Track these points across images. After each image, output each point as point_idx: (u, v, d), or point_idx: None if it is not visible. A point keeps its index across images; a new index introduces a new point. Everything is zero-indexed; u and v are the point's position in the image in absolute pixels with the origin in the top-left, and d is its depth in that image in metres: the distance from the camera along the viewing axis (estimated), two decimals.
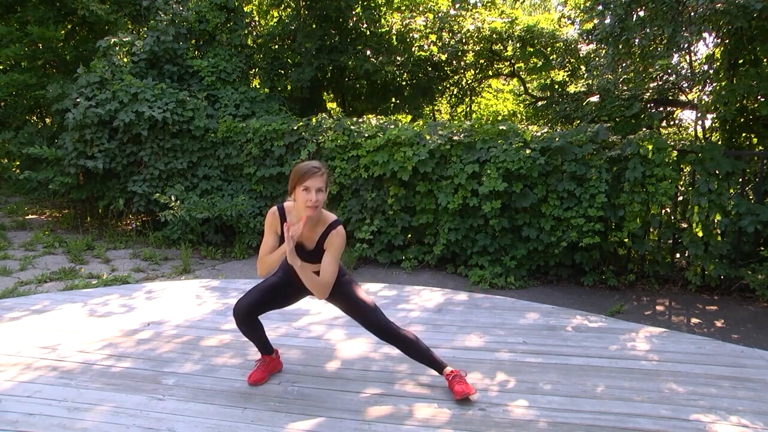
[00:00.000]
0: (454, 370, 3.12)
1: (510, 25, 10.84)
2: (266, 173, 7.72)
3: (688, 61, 8.31)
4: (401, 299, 4.90)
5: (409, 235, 7.19)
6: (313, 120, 7.67)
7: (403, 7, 10.95)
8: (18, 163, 9.90)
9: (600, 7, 7.34)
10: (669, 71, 8.68)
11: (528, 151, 6.27)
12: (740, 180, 6.12)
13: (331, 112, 8.17)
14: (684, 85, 8.60)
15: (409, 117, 10.59)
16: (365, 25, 10.19)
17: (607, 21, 7.28)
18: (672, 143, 6.55)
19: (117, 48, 8.27)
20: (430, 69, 10.91)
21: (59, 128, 8.99)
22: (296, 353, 3.68)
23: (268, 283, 3.15)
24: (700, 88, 7.92)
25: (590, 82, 10.08)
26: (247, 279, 6.22)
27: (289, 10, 10.49)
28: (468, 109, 13.19)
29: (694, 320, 5.43)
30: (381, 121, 7.50)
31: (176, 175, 8.08)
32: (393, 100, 11.02)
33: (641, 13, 7.15)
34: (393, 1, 10.72)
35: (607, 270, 6.39)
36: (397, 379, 3.31)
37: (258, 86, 9.78)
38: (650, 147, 6.01)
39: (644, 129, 6.72)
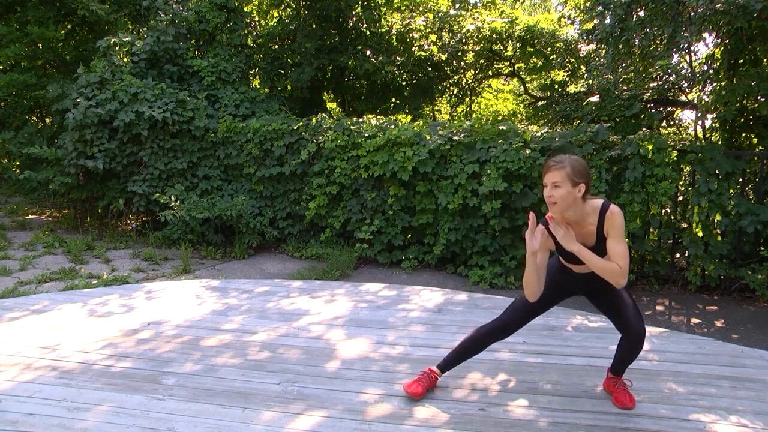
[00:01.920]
0: (623, 379, 3.07)
1: (510, 25, 10.84)
2: (266, 173, 7.72)
3: (688, 61, 8.30)
4: (401, 299, 4.90)
5: (409, 235, 7.19)
6: (313, 120, 7.67)
7: (403, 7, 10.95)
8: (18, 163, 9.89)
9: (600, 8, 7.34)
10: (669, 71, 8.68)
11: (528, 151, 6.27)
12: (740, 180, 6.12)
13: (331, 112, 8.17)
14: (684, 85, 8.60)
15: (409, 117, 10.59)
16: (365, 25, 10.19)
17: (607, 21, 7.28)
18: (672, 143, 6.54)
19: (117, 48, 8.27)
20: (430, 69, 10.91)
21: (59, 128, 8.99)
22: (296, 353, 3.68)
23: (534, 303, 2.92)
24: (700, 88, 7.92)
25: (590, 82, 10.07)
26: (247, 279, 6.23)
27: (289, 10, 10.49)
28: (468, 109, 13.19)
29: (694, 320, 5.43)
30: (381, 121, 7.50)
31: (176, 175, 8.08)
32: (393, 100, 11.02)
33: (641, 14, 7.15)
34: (393, 1, 10.72)
35: None
36: (397, 379, 3.30)
37: (258, 86, 9.79)
38: (650, 147, 6.01)
39: (644, 129, 6.71)
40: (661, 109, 9.13)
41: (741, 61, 7.31)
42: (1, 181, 11.14)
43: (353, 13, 9.86)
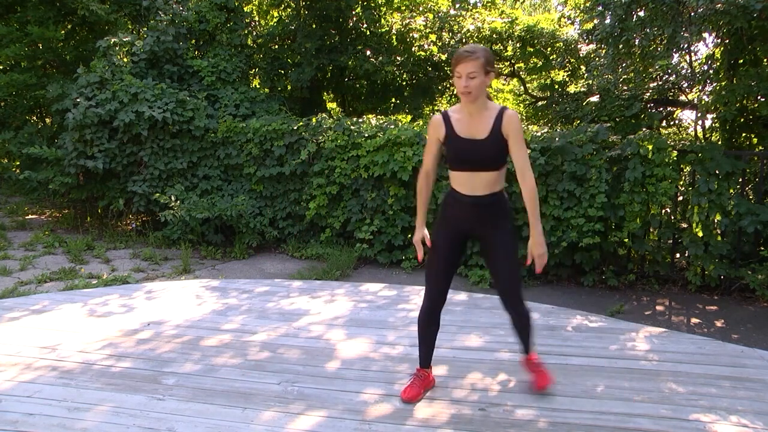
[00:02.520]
0: (534, 355, 3.17)
1: (510, 25, 10.84)
2: (266, 173, 7.72)
3: (688, 61, 8.30)
4: (401, 299, 4.90)
5: (409, 235, 7.18)
6: (313, 120, 7.67)
7: (403, 7, 10.94)
8: (18, 163, 9.89)
9: (600, 8, 7.34)
10: (669, 71, 8.69)
11: (528, 151, 6.27)
12: (740, 180, 6.12)
13: (331, 112, 8.17)
14: (684, 85, 8.61)
15: (409, 117, 10.59)
16: (365, 25, 10.19)
17: (607, 21, 7.29)
18: (672, 143, 6.54)
19: (117, 48, 8.26)
20: (430, 69, 10.90)
21: (59, 128, 8.98)
22: (296, 353, 3.68)
23: (438, 260, 3.00)
24: (700, 88, 7.92)
25: (590, 82, 10.08)
26: (247, 279, 6.23)
27: (289, 10, 10.49)
28: None
29: (694, 320, 5.43)
30: (381, 121, 7.50)
31: (176, 175, 8.08)
32: (393, 100, 11.01)
33: (641, 14, 7.15)
34: (393, 1, 10.71)
35: (607, 270, 6.39)
36: (397, 379, 3.30)
37: (258, 86, 9.78)
38: (650, 147, 6.01)
39: (644, 129, 6.72)
40: (661, 109, 9.14)
41: (741, 61, 7.31)
42: (1, 181, 11.14)
43: (353, 13, 9.86)
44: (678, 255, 6.66)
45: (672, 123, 9.88)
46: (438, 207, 3.07)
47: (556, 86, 11.22)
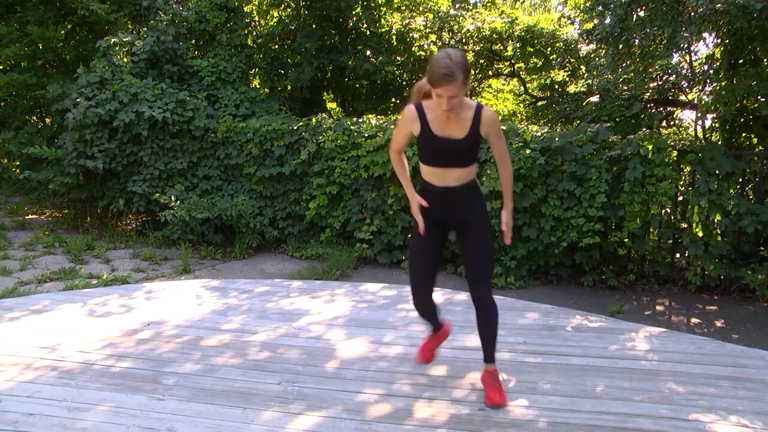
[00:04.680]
0: (496, 370, 3.06)
1: (510, 25, 10.84)
2: (266, 173, 7.72)
3: (688, 61, 8.31)
4: (401, 299, 4.90)
5: (409, 235, 7.18)
6: (313, 120, 7.68)
7: (403, 7, 10.94)
8: (18, 163, 9.89)
9: (600, 8, 7.35)
10: (669, 71, 8.69)
11: (528, 151, 6.27)
12: (740, 180, 6.12)
13: (331, 112, 8.17)
14: (684, 85, 8.61)
15: None
16: (365, 25, 10.19)
17: (607, 21, 7.29)
18: (672, 143, 6.55)
19: (117, 48, 8.27)
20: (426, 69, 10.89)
21: (59, 128, 8.99)
22: (296, 353, 3.68)
23: (418, 250, 3.03)
24: (700, 88, 7.93)
25: (590, 82, 10.08)
26: (247, 279, 6.23)
27: (289, 10, 10.49)
28: None
29: (694, 320, 5.43)
30: (381, 121, 7.50)
31: (176, 175, 8.08)
32: (393, 99, 11.01)
33: (641, 14, 7.16)
34: (393, 1, 10.71)
35: (607, 270, 6.39)
36: (396, 379, 3.30)
37: (258, 86, 9.78)
38: (650, 147, 6.01)
39: (644, 129, 6.72)
40: (661, 109, 9.14)
41: (741, 61, 7.31)
42: (1, 181, 11.14)
43: (353, 13, 9.86)
44: (678, 255, 6.66)
45: (672, 123, 9.89)
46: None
47: (556, 86, 11.22)
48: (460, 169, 2.86)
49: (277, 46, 10.30)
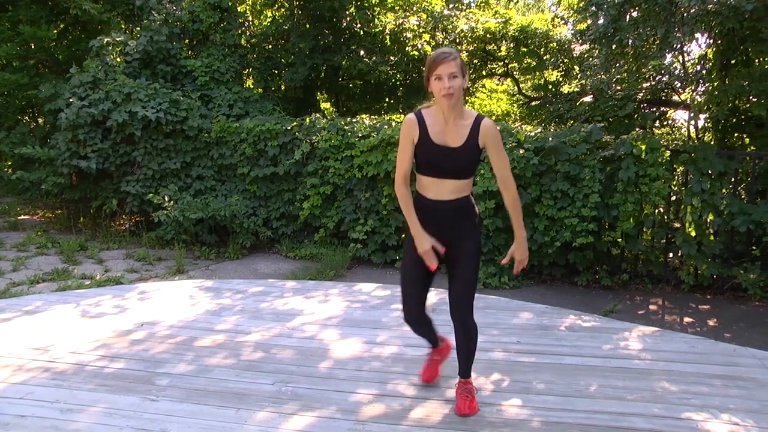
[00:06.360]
0: (470, 383, 3.00)
1: (503, 25, 10.87)
2: (260, 173, 7.70)
3: (680, 61, 8.35)
4: (395, 299, 4.90)
5: (403, 235, 7.19)
6: (307, 120, 7.67)
7: (397, 7, 10.95)
8: (10, 163, 9.83)
9: (593, 8, 7.37)
10: (662, 71, 8.73)
11: (521, 151, 6.28)
12: (733, 180, 6.15)
13: (325, 112, 8.17)
14: (677, 86, 8.65)
15: (403, 117, 10.59)
16: (359, 25, 10.19)
17: (600, 21, 7.31)
18: (665, 143, 6.57)
19: (110, 48, 8.23)
20: (423, 69, 10.90)
21: (52, 128, 8.94)
22: (290, 353, 3.67)
23: (411, 272, 2.93)
24: (693, 88, 7.96)
25: (584, 82, 10.11)
26: (240, 279, 6.21)
27: (282, 10, 10.48)
28: None
29: (686, 319, 5.46)
30: (375, 121, 7.50)
31: (170, 175, 8.05)
32: (387, 99, 11.02)
33: (634, 14, 7.18)
34: (386, 1, 10.71)
35: (600, 270, 6.41)
36: (390, 379, 3.31)
37: (252, 86, 9.77)
38: (643, 147, 6.03)
39: (637, 129, 6.74)
40: (654, 109, 9.19)
41: (733, 61, 7.35)
42: None
43: (347, 12, 9.85)
44: (671, 254, 6.69)
45: (665, 123, 9.94)
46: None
47: (550, 86, 11.25)
48: (455, 181, 2.79)
49: (270, 46, 10.29)
